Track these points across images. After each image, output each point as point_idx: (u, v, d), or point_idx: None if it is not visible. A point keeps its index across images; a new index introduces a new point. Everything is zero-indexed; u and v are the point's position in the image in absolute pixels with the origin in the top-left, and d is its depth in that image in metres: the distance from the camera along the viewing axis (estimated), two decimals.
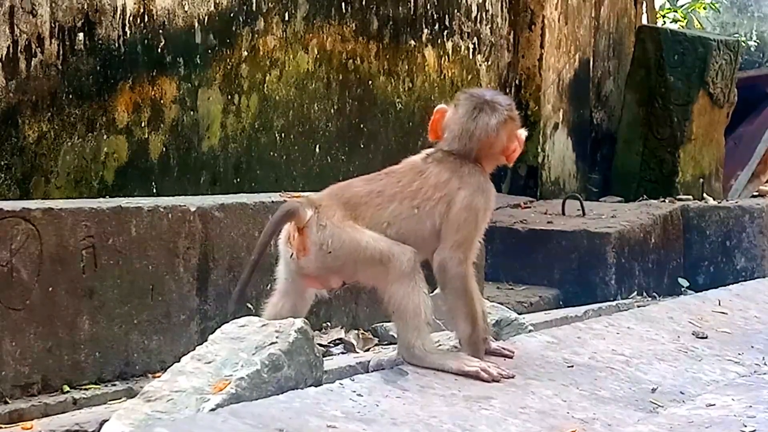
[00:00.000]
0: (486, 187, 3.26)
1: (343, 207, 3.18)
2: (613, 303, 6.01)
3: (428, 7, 7.69)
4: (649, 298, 6.55)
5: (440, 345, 3.33)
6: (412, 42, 7.55)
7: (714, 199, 8.64)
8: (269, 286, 3.39)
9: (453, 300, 3.22)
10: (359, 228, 3.15)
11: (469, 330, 3.21)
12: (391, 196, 3.20)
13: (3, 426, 3.48)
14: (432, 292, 3.21)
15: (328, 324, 4.74)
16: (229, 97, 6.02)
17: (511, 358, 3.35)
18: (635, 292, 6.75)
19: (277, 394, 2.75)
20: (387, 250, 3.11)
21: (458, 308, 3.21)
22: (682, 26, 15.61)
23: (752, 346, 4.01)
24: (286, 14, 6.41)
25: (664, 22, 15.47)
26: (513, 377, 3.17)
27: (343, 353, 4.33)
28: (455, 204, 3.19)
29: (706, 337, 4.00)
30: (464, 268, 3.19)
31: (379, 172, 3.30)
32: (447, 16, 7.92)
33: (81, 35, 5.15)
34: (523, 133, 3.34)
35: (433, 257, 3.21)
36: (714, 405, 3.25)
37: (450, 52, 7.97)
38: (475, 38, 8.29)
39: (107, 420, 2.85)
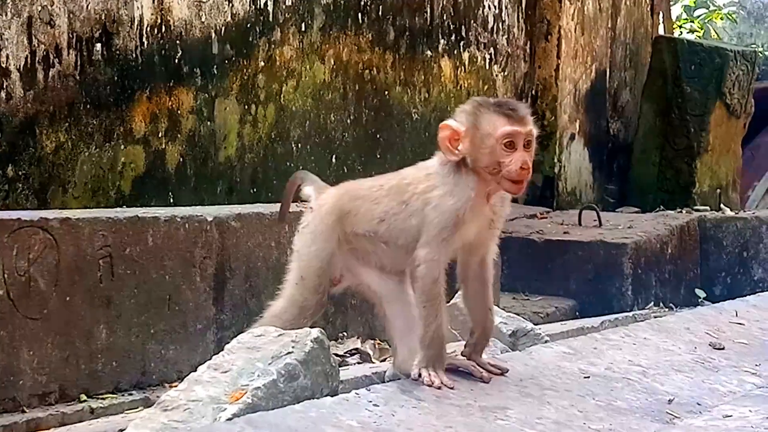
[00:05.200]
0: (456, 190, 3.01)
1: (340, 197, 3.14)
2: (630, 314, 6.01)
3: (445, 17, 7.70)
4: (666, 309, 6.53)
5: (455, 354, 3.33)
6: (429, 52, 7.56)
7: (731, 210, 8.62)
8: None
9: (417, 297, 3.05)
10: (326, 240, 3.13)
11: (422, 331, 3.02)
12: (388, 191, 3.07)
13: None
14: (448, 301, 3.16)
15: (345, 334, 4.74)
16: (246, 107, 6.04)
17: (502, 375, 3.25)
18: (652, 303, 6.73)
19: (294, 404, 2.74)
20: (299, 293, 3.16)
21: (419, 307, 3.03)
22: (699, 37, 15.60)
23: None
24: (303, 25, 6.43)
25: (681, 32, 15.46)
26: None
27: (359, 363, 4.33)
28: (430, 203, 2.99)
29: (723, 348, 3.99)
30: (433, 267, 2.98)
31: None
32: (463, 26, 7.93)
33: (99, 46, 5.18)
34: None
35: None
36: (731, 416, 3.23)
37: (466, 62, 7.98)
38: (492, 49, 8.30)
39: (124, 429, 2.86)
